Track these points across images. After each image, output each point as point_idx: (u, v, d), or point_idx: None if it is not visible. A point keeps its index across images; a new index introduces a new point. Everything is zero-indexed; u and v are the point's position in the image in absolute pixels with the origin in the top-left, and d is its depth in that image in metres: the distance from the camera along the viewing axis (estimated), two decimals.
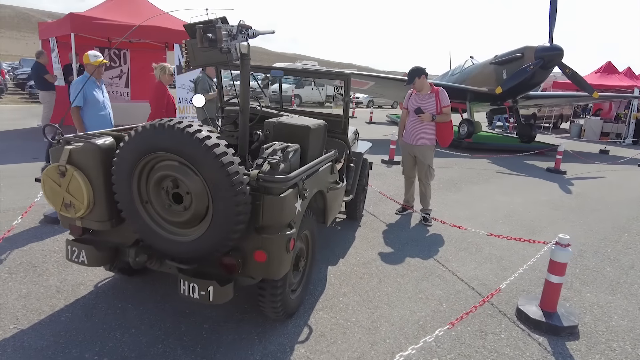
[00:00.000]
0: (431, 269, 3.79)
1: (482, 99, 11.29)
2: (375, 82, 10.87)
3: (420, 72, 4.74)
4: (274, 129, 2.69)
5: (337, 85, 10.45)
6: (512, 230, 4.96)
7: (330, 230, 4.55)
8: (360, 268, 3.72)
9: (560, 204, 6.33)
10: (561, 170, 8.82)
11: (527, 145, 11.26)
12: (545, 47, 9.51)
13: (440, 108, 4.80)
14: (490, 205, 5.96)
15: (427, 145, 4.88)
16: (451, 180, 7.36)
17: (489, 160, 9.57)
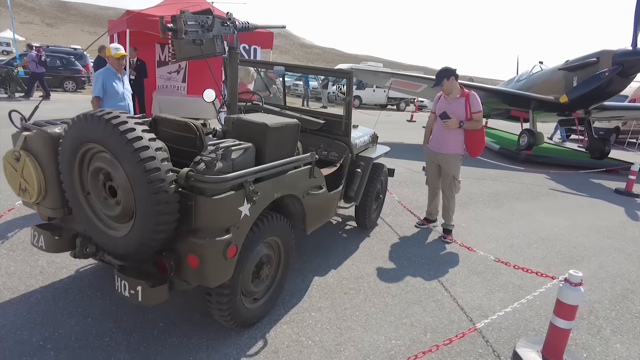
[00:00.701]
0: (430, 292, 3.38)
1: (548, 108, 10.23)
2: (428, 85, 10.28)
3: (449, 73, 4.30)
4: (233, 126, 2.51)
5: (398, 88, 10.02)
6: (544, 257, 4.34)
7: (334, 237, 4.28)
8: (350, 282, 3.42)
9: (619, 232, 5.46)
10: (633, 193, 7.68)
11: (597, 161, 10.01)
12: (626, 51, 8.35)
13: (470, 114, 4.32)
14: (529, 226, 5.29)
15: (454, 154, 4.41)
16: (494, 194, 6.69)
17: (547, 176, 8.62)
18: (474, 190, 6.79)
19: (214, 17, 2.70)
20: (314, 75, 26.53)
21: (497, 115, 12.15)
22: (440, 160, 4.50)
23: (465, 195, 6.42)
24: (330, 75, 4.15)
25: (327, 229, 4.47)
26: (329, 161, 3.75)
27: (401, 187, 6.51)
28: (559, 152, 11.29)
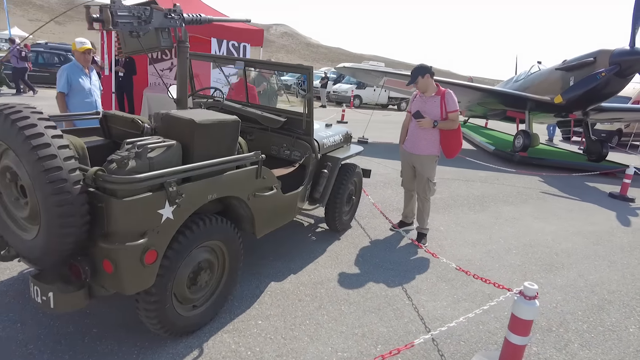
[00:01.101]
0: (391, 300, 3.21)
1: (544, 109, 9.98)
2: None
3: (424, 71, 4.12)
4: (161, 122, 2.36)
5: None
6: (522, 264, 4.14)
7: (301, 240, 4.12)
8: (308, 288, 3.25)
9: (607, 238, 5.25)
10: (628, 197, 7.43)
11: (594, 164, 9.75)
12: (624, 50, 8.09)
13: (445, 113, 4.14)
14: (513, 231, 5.09)
15: (428, 155, 4.23)
16: (481, 197, 6.49)
17: (540, 178, 8.38)
18: (460, 193, 6.59)
19: (153, 8, 2.55)
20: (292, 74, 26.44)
21: (493, 116, 11.92)
22: (414, 161, 4.32)
23: (450, 198, 6.23)
24: (289, 71, 3.99)
25: (295, 231, 4.31)
26: (292, 161, 3.59)
27: (385, 189, 6.33)
28: (555, 154, 11.03)
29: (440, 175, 7.61)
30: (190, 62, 4.07)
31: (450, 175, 7.76)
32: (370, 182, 6.50)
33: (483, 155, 10.59)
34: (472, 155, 9.89)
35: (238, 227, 2.95)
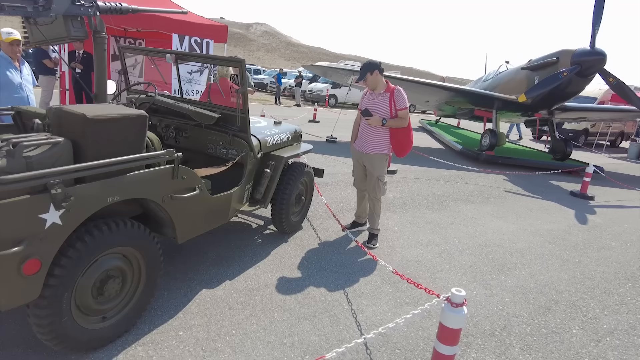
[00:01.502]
0: (329, 305, 3.05)
1: (511, 108, 10.04)
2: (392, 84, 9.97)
3: (373, 67, 3.98)
4: (53, 117, 2.14)
5: None
6: (474, 265, 4.05)
7: (245, 243, 3.92)
8: (242, 295, 3.06)
9: (563, 236, 5.22)
10: (588, 196, 7.49)
11: (558, 163, 9.85)
12: (585, 51, 8.17)
13: (395, 111, 4.01)
14: (469, 231, 5.01)
15: (378, 154, 4.10)
16: (442, 196, 6.41)
17: (504, 177, 8.40)
18: (421, 192, 6.50)
19: None
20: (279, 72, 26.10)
21: (462, 115, 11.96)
22: (365, 160, 4.18)
23: (410, 197, 6.13)
24: (222, 64, 3.78)
25: (241, 234, 4.11)
26: (228, 160, 3.39)
27: (345, 188, 6.18)
28: (521, 153, 11.12)
29: (403, 175, 7.54)
30: (123, 56, 3.83)
31: (415, 175, 7.68)
32: (332, 182, 6.36)
33: (450, 154, 10.59)
34: (439, 155, 9.86)
35: (159, 232, 2.75)
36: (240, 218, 4.52)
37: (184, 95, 4.01)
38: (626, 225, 6.09)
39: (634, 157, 15.07)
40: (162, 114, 3.64)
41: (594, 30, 8.04)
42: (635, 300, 3.69)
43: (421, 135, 14.42)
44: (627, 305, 3.58)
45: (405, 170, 7.92)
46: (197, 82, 8.98)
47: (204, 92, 5.99)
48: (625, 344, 2.98)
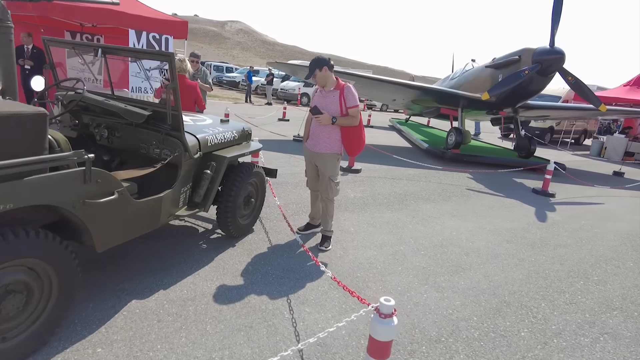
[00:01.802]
0: (269, 314, 2.87)
1: (476, 106, 10.10)
2: (356, 82, 9.89)
3: (321, 63, 3.82)
4: None
5: None
6: (427, 266, 3.95)
7: (188, 249, 3.70)
8: (174, 306, 2.85)
9: (521, 235, 5.20)
10: (549, 193, 7.57)
11: (522, 160, 9.97)
12: (544, 49, 8.26)
13: (345, 109, 3.86)
14: (426, 230, 4.92)
15: (329, 153, 3.94)
16: (403, 195, 6.33)
17: (469, 175, 8.41)
18: (383, 191, 6.40)
19: None
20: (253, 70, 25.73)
21: (428, 113, 12.00)
22: (316, 160, 4.02)
23: (370, 196, 6.01)
24: (149, 58, 3.55)
25: (184, 239, 3.89)
26: (161, 160, 3.16)
27: (306, 189, 6.01)
28: (487, 151, 11.22)
29: (367, 174, 7.43)
30: (49, 50, 3.54)
31: (378, 174, 7.59)
32: (294, 182, 6.19)
33: (417, 153, 10.59)
34: (405, 154, 9.83)
35: (79, 240, 2.51)
36: (187, 222, 4.29)
37: (142, 93, 3.78)
38: (583, 222, 6.15)
39: (596, 154, 15.50)
40: (95, 112, 3.38)
41: (553, 30, 8.14)
42: (585, 299, 3.67)
43: (391, 134, 14.43)
44: (576, 304, 3.54)
45: (370, 170, 7.83)
46: (155, 80, 8.63)
47: (158, 89, 5.72)
48: (572, 345, 2.92)
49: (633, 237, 5.71)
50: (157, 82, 8.73)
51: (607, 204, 7.64)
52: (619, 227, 6.11)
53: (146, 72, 8.68)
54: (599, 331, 3.16)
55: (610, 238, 5.55)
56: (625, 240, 5.55)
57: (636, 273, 4.44)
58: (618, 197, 8.37)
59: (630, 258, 4.88)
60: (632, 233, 5.91)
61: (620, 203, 7.84)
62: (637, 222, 6.54)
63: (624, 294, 3.89)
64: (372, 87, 10.38)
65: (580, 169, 11.81)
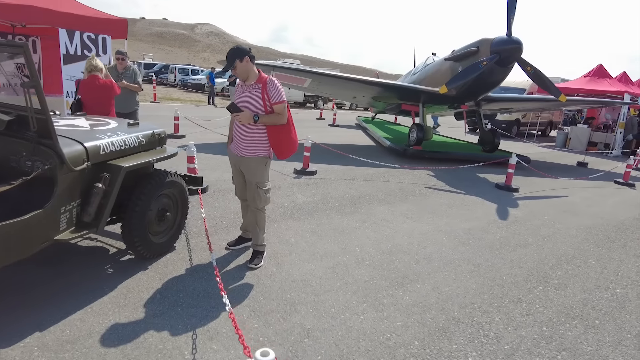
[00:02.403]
0: (165, 356, 2.35)
1: (437, 100, 9.79)
2: (313, 79, 9.45)
3: (241, 53, 3.32)
4: None
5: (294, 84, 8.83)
6: (371, 279, 3.50)
7: (88, 274, 3.14)
8: (46, 352, 2.30)
9: (479, 236, 4.84)
10: (512, 187, 7.29)
11: (486, 155, 9.73)
12: (502, 39, 8.00)
13: (270, 105, 3.38)
14: (376, 236, 4.50)
15: (255, 157, 3.45)
16: (357, 197, 5.90)
17: (430, 172, 8.07)
18: (336, 193, 5.95)
19: None
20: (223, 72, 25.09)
21: (390, 110, 11.67)
22: (241, 164, 3.52)
23: (321, 200, 5.56)
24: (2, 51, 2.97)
25: (93, 261, 3.32)
26: None
27: None
28: (450, 146, 10.95)
29: (323, 175, 6.97)
30: None
31: (335, 175, 7.15)
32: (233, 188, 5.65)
33: (379, 151, 10.22)
34: (366, 152, 9.44)
35: None
36: (99, 241, 3.72)
37: None
38: (545, 217, 5.86)
39: (561, 146, 15.54)
40: None
41: (509, 19, 7.88)
42: (543, 308, 3.29)
43: (356, 132, 14.05)
44: (533, 316, 3.16)
45: (326, 171, 7.38)
46: None
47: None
48: None
49: (595, 232, 5.44)
50: None
51: (570, 196, 7.43)
52: (582, 222, 5.85)
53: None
54: (557, 347, 2.78)
55: (572, 234, 5.26)
56: (587, 235, 5.27)
57: (597, 272, 4.12)
58: (581, 188, 8.19)
59: (592, 255, 4.58)
60: (595, 227, 5.65)
61: (583, 194, 7.64)
62: (599, 215, 6.31)
63: (585, 298, 3.54)
64: (327, 84, 9.95)
65: (545, 161, 11.71)
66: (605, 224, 5.85)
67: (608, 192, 8.10)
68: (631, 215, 6.50)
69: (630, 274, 4.16)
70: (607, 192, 8.16)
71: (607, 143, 14.73)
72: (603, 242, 5.06)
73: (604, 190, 8.22)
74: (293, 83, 10.04)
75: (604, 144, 14.85)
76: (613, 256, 4.63)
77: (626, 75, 15.60)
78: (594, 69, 15.50)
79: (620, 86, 14.43)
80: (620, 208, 6.92)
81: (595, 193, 7.91)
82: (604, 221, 6.00)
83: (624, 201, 7.49)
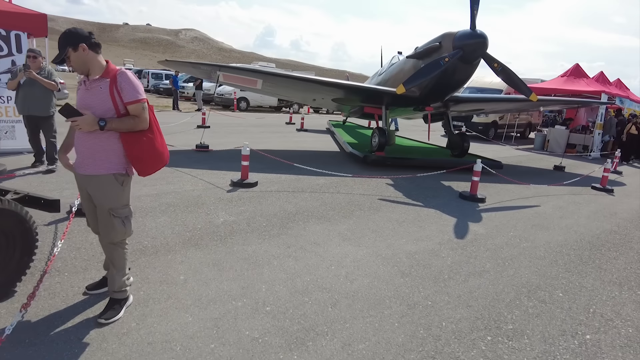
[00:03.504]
0: None
1: (401, 103, 9.01)
2: (264, 80, 8.59)
3: (75, 40, 2.45)
4: None
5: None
6: (261, 336, 2.62)
7: None
8: None
9: (427, 261, 4.01)
10: (478, 197, 6.51)
11: (455, 160, 8.97)
12: (465, 33, 7.24)
13: (122, 105, 2.51)
14: (297, 267, 3.63)
15: (105, 175, 2.56)
16: (292, 214, 5.03)
17: (389, 181, 7.24)
18: (270, 210, 5.08)
19: None
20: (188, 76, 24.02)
21: (353, 113, 10.87)
22: (88, 186, 2.63)
23: (246, 220, 4.67)
24: None
25: None
26: None
27: (162, 215, 4.60)
28: (416, 152, 10.16)
29: (263, 188, 6.10)
30: None
31: (278, 187, 6.28)
32: (147, 207, 4.75)
33: (340, 158, 9.39)
34: (323, 160, 8.62)
35: None
36: None
37: None
38: (511, 234, 5.06)
39: (539, 148, 14.93)
40: None
41: (472, 11, 7.13)
42: None
43: (324, 138, 13.22)
44: None
45: (270, 182, 6.50)
46: (3, 86, 6.94)
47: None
48: None
49: (567, 251, 4.66)
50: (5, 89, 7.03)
51: (543, 205, 6.68)
52: (552, 237, 5.07)
53: None
54: None
55: (539, 255, 4.46)
56: (557, 256, 4.49)
57: (565, 310, 3.31)
58: (555, 195, 7.46)
59: (560, 284, 3.78)
60: (566, 245, 4.87)
61: (557, 203, 6.90)
62: (573, 228, 5.55)
63: (545, 351, 2.72)
64: (281, 85, 9.12)
65: (520, 165, 11.02)
66: (579, 240, 5.08)
67: (584, 200, 7.38)
68: (607, 228, 5.75)
69: (604, 310, 3.36)
70: (582, 199, 7.43)
71: (585, 145, 14.14)
72: (574, 265, 4.27)
73: (579, 198, 7.50)
74: (245, 85, 9.17)
75: (582, 145, 14.26)
76: (585, 284, 3.83)
77: (603, 75, 15.10)
78: (571, 68, 14.96)
79: (597, 86, 13.87)
80: (596, 219, 6.18)
81: (570, 201, 7.17)
82: (577, 236, 5.23)
83: (600, 210, 6.76)
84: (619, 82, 16.35)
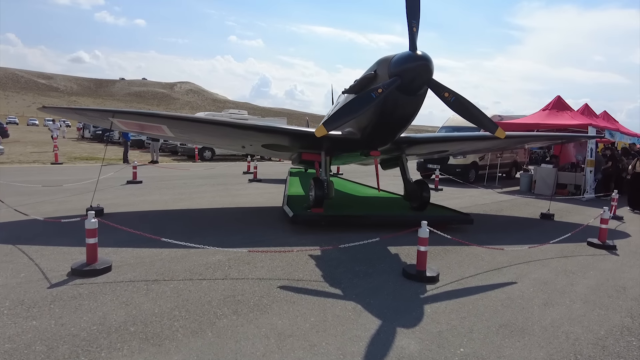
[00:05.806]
0: None
1: (343, 147, 7.32)
2: (169, 125, 6.95)
3: None
4: None
5: None
6: None
7: None
8: None
9: None
10: (427, 276, 4.61)
11: (415, 214, 7.16)
12: (403, 56, 5.62)
13: None
14: None
15: None
16: (105, 332, 3.11)
17: (313, 252, 5.35)
18: (79, 323, 3.16)
19: None
20: None
21: (294, 161, 9.18)
22: None
23: (17, 350, 2.74)
24: None
25: None
26: None
27: None
28: (363, 204, 8.32)
29: (117, 275, 4.08)
30: None
31: (139, 273, 4.38)
32: None
33: (270, 218, 7.56)
34: (248, 221, 6.77)
35: None
36: None
37: None
38: (461, 350, 3.14)
39: (526, 190, 13.18)
40: None
41: (410, 29, 5.57)
42: None
43: (277, 189, 11.45)
44: None
45: (138, 263, 4.61)
46: None
47: None
48: None
49: None
50: None
51: (520, 280, 4.78)
52: (529, 355, 3.14)
53: None
54: None
55: None
56: None
57: None
58: (540, 261, 5.57)
59: None
60: None
61: (541, 275, 5.00)
62: (562, 328, 3.62)
63: None
64: (194, 131, 7.51)
65: (500, 215, 9.18)
66: (574, 354, 3.15)
67: (578, 266, 5.48)
68: (617, 321, 3.83)
69: None
70: (577, 265, 5.54)
71: (577, 184, 12.39)
72: None
73: (572, 263, 5.61)
74: (152, 132, 7.49)
75: (574, 185, 12.51)
76: None
77: (588, 107, 13.67)
78: (552, 101, 13.54)
79: (583, 119, 12.35)
80: (598, 302, 4.27)
81: (560, 270, 5.28)
82: (568, 345, 3.31)
83: (602, 284, 4.86)
84: (606, 114, 14.91)
